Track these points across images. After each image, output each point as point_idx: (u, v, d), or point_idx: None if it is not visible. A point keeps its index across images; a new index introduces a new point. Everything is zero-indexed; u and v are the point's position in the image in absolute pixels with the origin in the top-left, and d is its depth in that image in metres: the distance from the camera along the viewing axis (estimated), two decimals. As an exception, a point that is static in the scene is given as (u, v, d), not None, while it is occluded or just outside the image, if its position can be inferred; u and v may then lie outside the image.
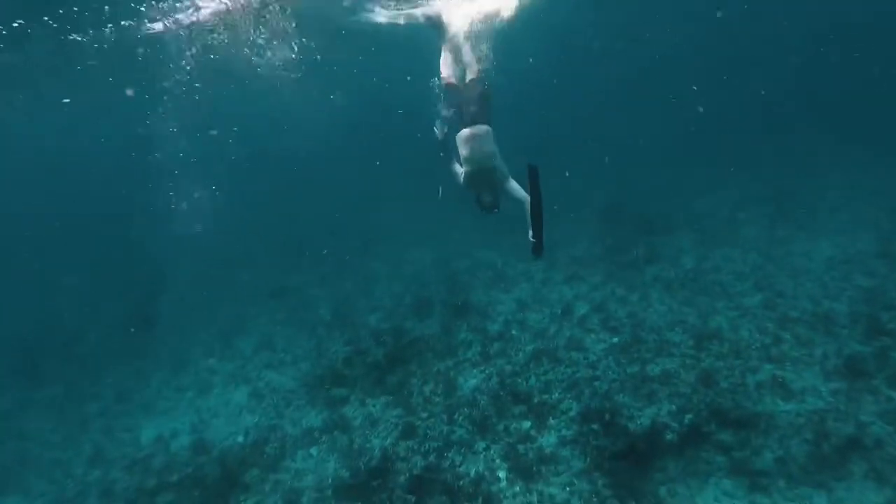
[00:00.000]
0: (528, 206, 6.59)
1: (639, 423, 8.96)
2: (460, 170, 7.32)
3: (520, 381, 10.72)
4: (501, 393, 10.49)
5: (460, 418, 10.07)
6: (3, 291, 26.07)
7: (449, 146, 7.67)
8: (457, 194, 7.69)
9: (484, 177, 7.10)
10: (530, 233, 6.64)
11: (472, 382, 11.22)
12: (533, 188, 6.45)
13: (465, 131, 7.15)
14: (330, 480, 9.56)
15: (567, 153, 30.96)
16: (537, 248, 6.71)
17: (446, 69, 8.07)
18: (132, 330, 17.97)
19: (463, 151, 7.23)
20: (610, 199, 21.52)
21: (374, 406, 11.35)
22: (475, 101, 7.32)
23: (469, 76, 7.94)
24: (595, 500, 7.88)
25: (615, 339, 11.53)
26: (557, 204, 22.07)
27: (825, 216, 16.48)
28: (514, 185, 7.11)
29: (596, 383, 10.13)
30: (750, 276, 13.33)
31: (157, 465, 11.51)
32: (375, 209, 28.03)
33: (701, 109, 24.96)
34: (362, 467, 9.31)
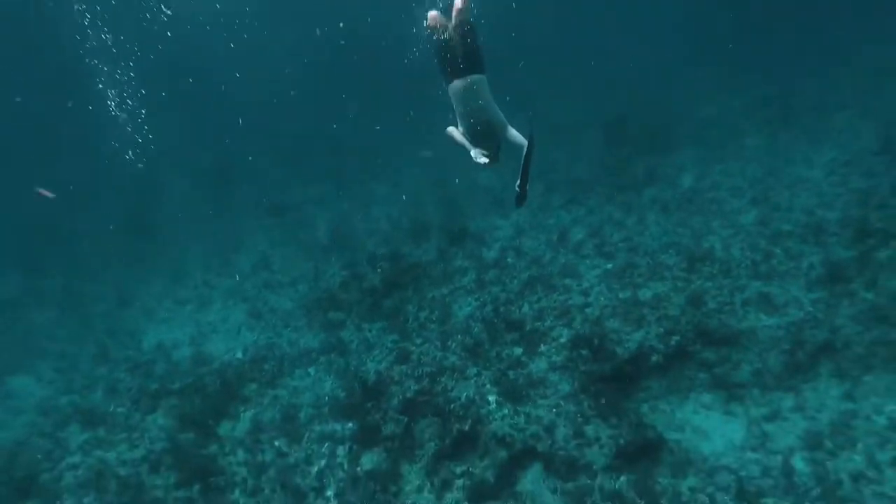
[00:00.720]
0: (524, 152, 6.34)
1: (627, 347, 9.18)
2: (457, 129, 6.84)
3: (513, 308, 10.88)
4: (495, 320, 10.68)
5: (454, 345, 10.29)
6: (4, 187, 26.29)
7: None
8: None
9: (481, 130, 6.65)
10: (518, 182, 6.44)
11: (467, 310, 11.40)
12: (529, 141, 6.20)
13: (457, 83, 6.35)
14: (327, 399, 9.97)
15: (571, 67, 29.94)
16: (521, 198, 6.60)
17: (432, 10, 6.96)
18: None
19: (457, 108, 6.55)
20: (615, 110, 20.59)
21: (370, 331, 11.62)
22: (463, 46, 6.31)
23: (455, 17, 6.32)
24: (579, 419, 8.20)
25: (609, 266, 11.57)
26: (561, 121, 21.74)
27: (831, 115, 16.06)
28: (512, 133, 6.62)
29: (587, 310, 10.27)
30: (748, 191, 13.15)
31: (160, 371, 12.07)
32: (375, 130, 27.49)
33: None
34: (358, 388, 9.64)
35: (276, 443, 9.39)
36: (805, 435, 7.55)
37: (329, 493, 8.19)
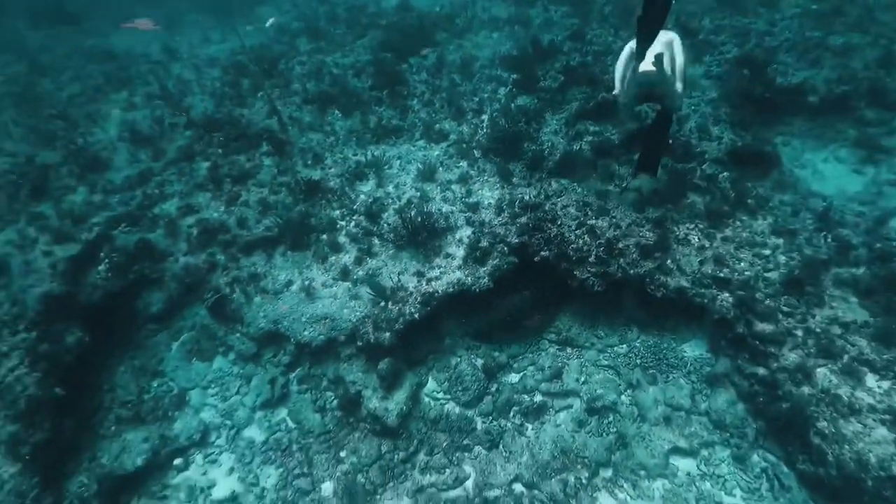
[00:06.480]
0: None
1: (789, 80, 9.40)
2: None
3: (692, 21, 11.07)
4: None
5: (627, 34, 10.83)
6: None
7: None
8: None
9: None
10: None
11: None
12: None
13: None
14: (501, 54, 11.40)
15: None
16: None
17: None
18: None
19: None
20: None
21: (555, 12, 12.46)
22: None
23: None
24: (710, 119, 9.07)
25: (814, 6, 11.01)
26: None
27: None
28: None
29: (767, 38, 10.30)
30: None
31: (370, 11, 14.07)
32: None
33: None
34: (530, 50, 10.91)
35: (453, 76, 11.26)
36: (919, 202, 7.86)
37: (484, 116, 10.08)
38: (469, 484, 7.05)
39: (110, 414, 8.07)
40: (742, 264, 7.30)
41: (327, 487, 7.22)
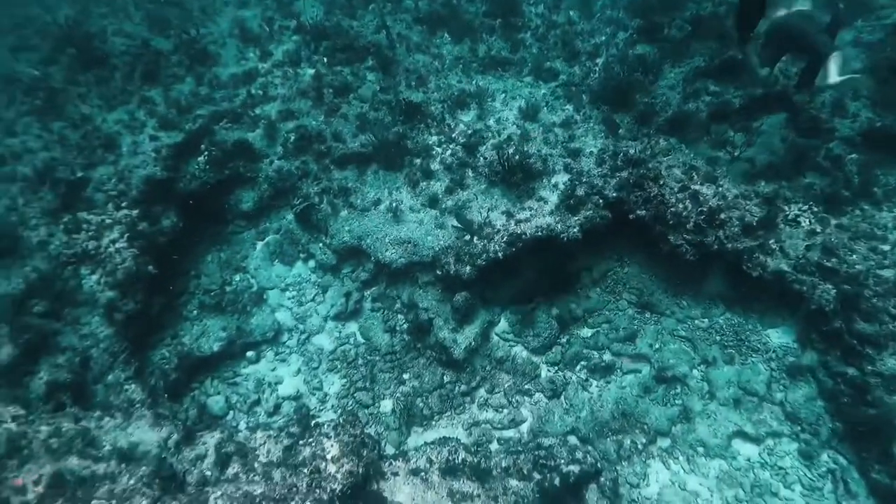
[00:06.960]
0: None
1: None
2: None
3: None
4: None
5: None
6: None
7: None
8: None
9: None
10: None
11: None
12: None
13: None
14: (626, -3, 10.61)
15: None
16: None
17: None
18: None
19: None
20: None
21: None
22: None
23: None
24: (850, 94, 8.23)
25: None
26: None
27: None
28: None
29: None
30: None
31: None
32: None
33: None
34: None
35: (571, 13, 10.63)
36: None
37: (599, 60, 9.54)
38: (524, 427, 7.13)
39: (194, 299, 8.53)
40: (854, 256, 6.78)
41: (386, 405, 7.47)
